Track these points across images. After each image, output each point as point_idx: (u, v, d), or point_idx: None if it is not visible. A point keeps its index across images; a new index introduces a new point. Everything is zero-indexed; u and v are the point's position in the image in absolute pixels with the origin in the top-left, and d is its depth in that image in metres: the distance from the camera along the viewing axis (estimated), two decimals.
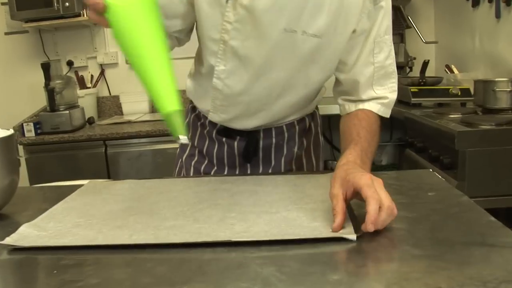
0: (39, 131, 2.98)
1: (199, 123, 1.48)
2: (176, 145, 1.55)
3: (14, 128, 2.89)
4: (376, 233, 0.86)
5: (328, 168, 3.39)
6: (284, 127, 1.42)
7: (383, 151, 3.59)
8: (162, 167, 2.87)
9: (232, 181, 1.23)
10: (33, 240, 0.91)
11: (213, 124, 1.43)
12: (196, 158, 1.49)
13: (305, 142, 1.47)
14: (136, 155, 2.90)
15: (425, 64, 2.74)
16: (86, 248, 0.87)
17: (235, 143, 1.42)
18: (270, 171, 1.43)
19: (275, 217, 0.97)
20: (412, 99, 2.64)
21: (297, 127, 1.44)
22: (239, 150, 1.42)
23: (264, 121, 1.37)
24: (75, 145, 2.91)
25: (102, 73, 3.55)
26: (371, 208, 0.84)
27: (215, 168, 1.46)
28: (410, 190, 1.12)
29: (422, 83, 2.73)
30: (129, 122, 3.14)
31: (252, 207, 1.03)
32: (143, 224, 0.96)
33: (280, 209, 1.01)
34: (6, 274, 0.82)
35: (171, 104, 0.90)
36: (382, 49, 1.22)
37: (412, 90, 2.66)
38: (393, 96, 1.27)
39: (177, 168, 1.54)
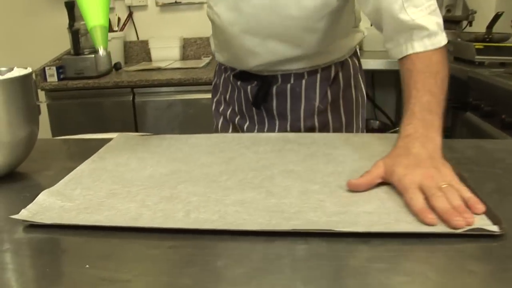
0: (62, 76, 2.75)
1: (223, 68, 1.37)
2: (210, 95, 1.47)
3: (35, 73, 2.66)
4: None
5: (370, 128, 3.13)
6: (306, 73, 1.22)
7: None
8: (193, 118, 2.63)
9: (298, 141, 0.99)
10: (57, 215, 0.68)
11: (232, 68, 1.32)
12: (222, 106, 1.39)
13: (330, 95, 1.24)
14: (165, 105, 2.66)
15: (497, 17, 2.43)
16: (127, 228, 0.64)
17: (249, 88, 1.27)
18: (288, 124, 1.25)
19: (374, 192, 0.73)
20: (476, 56, 2.35)
21: (319, 74, 1.22)
22: (253, 96, 1.28)
23: (265, 59, 1.19)
24: (101, 92, 2.67)
25: (130, 16, 3.29)
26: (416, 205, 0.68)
27: (238, 116, 1.33)
28: None
29: (487, 39, 2.43)
30: (159, 69, 2.89)
31: (337, 177, 0.79)
32: (199, 195, 0.73)
33: None
34: (20, 262, 0.60)
35: (95, 19, 0.91)
36: None
37: (476, 46, 2.36)
38: (434, 20, 0.96)
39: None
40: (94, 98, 2.69)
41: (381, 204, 0.69)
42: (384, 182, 0.76)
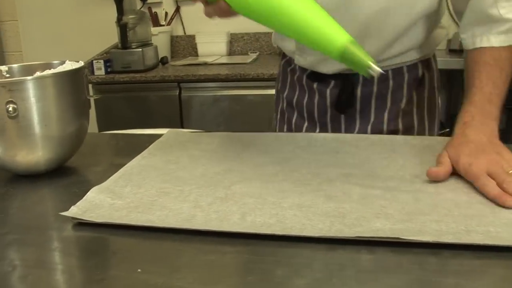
0: (109, 70, 2.75)
1: (289, 69, 1.23)
2: (258, 92, 1.33)
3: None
4: None
5: None
6: (390, 72, 1.12)
7: None
8: (239, 114, 2.60)
9: (355, 143, 0.95)
10: (107, 213, 0.66)
11: (303, 68, 1.19)
12: (287, 114, 1.26)
13: (416, 97, 1.15)
14: (211, 100, 2.64)
15: None
16: (180, 230, 0.61)
17: (328, 91, 1.15)
18: (369, 128, 1.15)
19: (438, 200, 0.69)
20: None
21: (406, 75, 1.13)
22: (332, 99, 1.15)
23: None
24: (147, 86, 2.67)
25: (177, 10, 3.28)
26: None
27: (306, 123, 1.21)
28: None
29: None
30: (205, 64, 2.87)
31: (398, 182, 0.75)
32: (255, 198, 0.70)
33: (440, 187, 0.73)
34: (68, 263, 0.58)
35: (340, 37, 0.66)
36: None
37: None
38: None
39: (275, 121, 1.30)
40: (141, 92, 2.69)
41: (448, 212, 0.65)
42: (448, 191, 0.72)
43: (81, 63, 0.87)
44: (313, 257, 0.54)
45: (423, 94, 1.17)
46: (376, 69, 0.65)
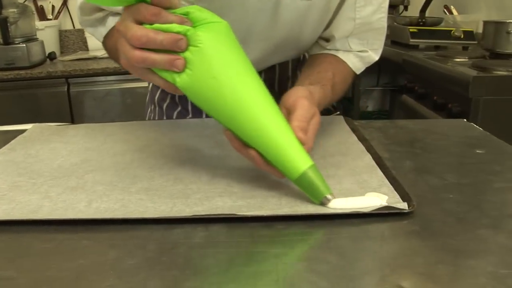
0: None
1: None
2: (146, 84, 1.29)
3: None
4: (425, 205, 0.62)
5: None
6: (277, 66, 1.16)
7: (369, 96, 3.34)
8: (131, 108, 2.59)
9: (218, 126, 0.97)
10: None
11: None
12: (167, 102, 1.22)
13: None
14: (102, 95, 2.60)
15: (428, 1, 2.47)
16: (26, 222, 0.61)
17: None
18: None
19: (283, 179, 0.72)
20: (411, 40, 2.39)
21: (290, 63, 1.18)
22: None
23: None
24: (34, 83, 2.59)
25: (64, 3, 3.19)
26: None
27: (190, 115, 1.19)
28: (451, 146, 0.88)
29: (421, 23, 2.47)
30: (95, 58, 2.82)
31: (249, 162, 0.78)
32: (105, 185, 0.70)
33: None
34: None
35: (303, 161, 0.63)
36: (369, 2, 0.98)
37: (411, 30, 2.40)
38: (374, 55, 1.05)
39: (147, 114, 1.27)
40: (27, 89, 2.60)
41: (290, 186, 0.68)
42: None
43: None
44: (149, 238, 0.56)
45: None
46: (332, 201, 0.62)
